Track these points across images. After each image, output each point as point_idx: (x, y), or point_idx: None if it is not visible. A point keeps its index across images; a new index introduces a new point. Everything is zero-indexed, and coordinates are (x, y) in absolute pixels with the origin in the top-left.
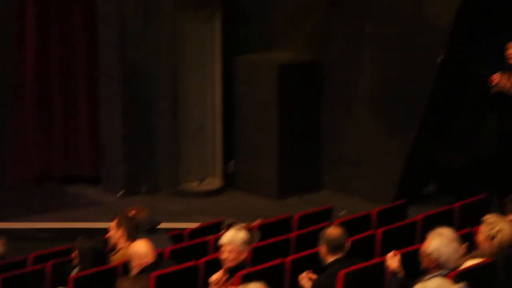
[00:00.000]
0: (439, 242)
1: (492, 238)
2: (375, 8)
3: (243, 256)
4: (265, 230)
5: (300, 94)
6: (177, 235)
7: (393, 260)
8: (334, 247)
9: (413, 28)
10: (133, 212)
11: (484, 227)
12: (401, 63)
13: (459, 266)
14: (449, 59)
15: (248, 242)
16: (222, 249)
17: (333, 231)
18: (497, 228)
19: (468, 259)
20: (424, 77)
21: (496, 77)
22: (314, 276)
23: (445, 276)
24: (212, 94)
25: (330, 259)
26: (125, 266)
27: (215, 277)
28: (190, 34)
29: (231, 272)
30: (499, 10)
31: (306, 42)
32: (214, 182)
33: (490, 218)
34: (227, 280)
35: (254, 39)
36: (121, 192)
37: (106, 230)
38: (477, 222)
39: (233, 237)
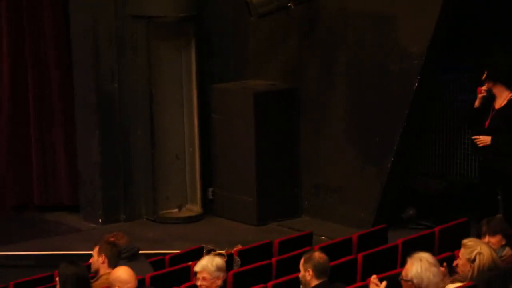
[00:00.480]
0: (419, 267)
1: (472, 261)
2: (349, 35)
3: (219, 282)
4: (246, 256)
5: (277, 121)
6: (158, 262)
7: (378, 286)
8: (320, 271)
9: (387, 55)
10: (113, 239)
11: (464, 251)
12: (376, 90)
13: None
14: (423, 86)
15: (221, 268)
16: (197, 276)
17: (321, 255)
18: (476, 251)
19: (449, 283)
20: (399, 104)
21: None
22: None
23: None
24: (189, 122)
25: (314, 283)
26: None
27: None
28: (165, 64)
29: None
30: (472, 39)
31: (281, 70)
32: (193, 209)
33: (469, 241)
34: None
35: (230, 68)
36: (101, 220)
37: (86, 257)
38: (457, 245)
39: (206, 264)
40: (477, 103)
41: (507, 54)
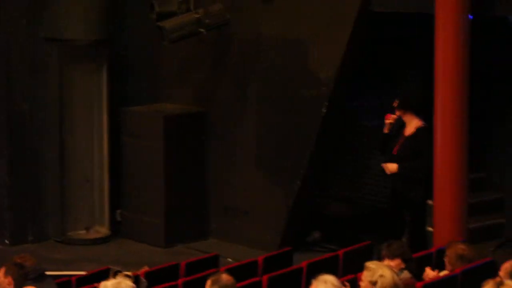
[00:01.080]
0: None
1: (374, 283)
2: (261, 61)
3: None
4: (152, 278)
5: (187, 144)
6: (64, 283)
7: None
8: None
9: (297, 81)
10: (20, 260)
11: (366, 273)
12: (286, 115)
13: None
14: (332, 112)
15: None
16: None
17: (228, 278)
18: (378, 274)
19: None
20: (308, 129)
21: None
22: None
23: None
24: (99, 145)
25: None
26: None
27: None
28: (77, 86)
29: None
30: (380, 66)
31: (192, 94)
32: (101, 231)
33: (372, 264)
34: None
35: (141, 91)
36: (8, 241)
37: None
38: (360, 268)
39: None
40: (385, 130)
41: (417, 84)
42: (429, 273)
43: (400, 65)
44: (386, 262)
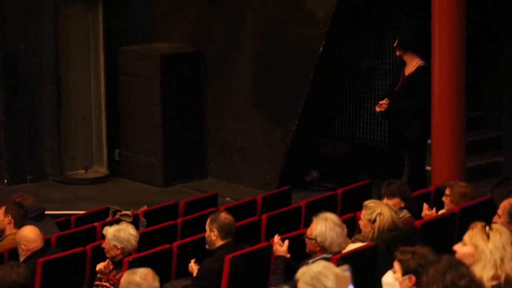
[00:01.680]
0: (324, 226)
1: (373, 221)
2: None
3: (117, 252)
4: (151, 217)
5: (183, 84)
6: (63, 222)
7: (280, 245)
8: (225, 232)
9: (293, 19)
10: (19, 199)
11: (365, 212)
12: (282, 53)
13: (342, 250)
14: (329, 51)
15: (122, 240)
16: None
17: (226, 216)
18: (376, 212)
19: (351, 243)
20: (304, 68)
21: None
22: None
23: (329, 259)
24: (96, 84)
25: (219, 243)
26: (12, 252)
27: (101, 265)
28: (72, 26)
29: (114, 262)
30: (376, 5)
31: (188, 32)
32: (99, 170)
33: (370, 203)
34: (114, 268)
35: (137, 30)
36: (6, 180)
37: None
38: (359, 207)
39: (108, 232)
40: (377, 109)
41: (417, 22)
42: (426, 211)
43: (398, 3)
44: (385, 201)
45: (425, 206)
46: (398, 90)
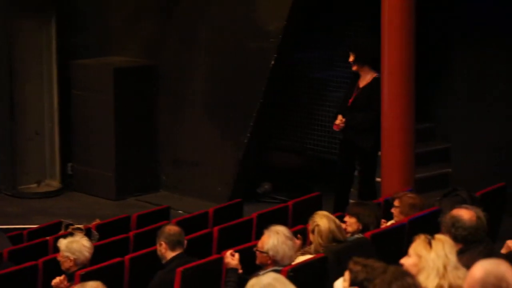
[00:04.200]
0: (276, 240)
1: (312, 232)
2: (209, 13)
3: (70, 263)
4: (104, 230)
5: (137, 97)
6: (16, 236)
7: (232, 258)
8: (173, 243)
9: (246, 33)
10: None
11: (310, 223)
12: (235, 67)
13: (292, 262)
14: (280, 64)
15: (74, 251)
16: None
17: (171, 228)
18: (315, 223)
19: (300, 255)
20: (256, 81)
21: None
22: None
23: (279, 271)
24: (49, 97)
25: (170, 255)
26: None
27: (57, 279)
28: (26, 39)
29: (68, 274)
30: (327, 19)
31: (142, 46)
32: (52, 184)
33: (314, 214)
34: (68, 281)
35: (91, 44)
36: None
37: None
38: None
39: (61, 244)
40: (336, 128)
41: (370, 35)
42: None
43: (349, 16)
44: (346, 217)
45: (382, 220)
46: (353, 103)
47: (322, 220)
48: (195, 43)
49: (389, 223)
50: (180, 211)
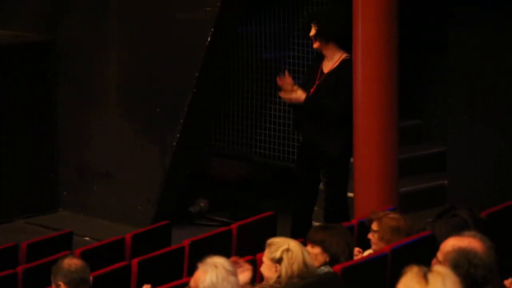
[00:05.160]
0: (214, 276)
1: (278, 261)
2: None
3: None
4: None
5: (27, 84)
6: None
7: None
8: (74, 283)
9: (171, 1)
10: None
11: (268, 251)
12: (159, 46)
13: None
14: (219, 41)
15: None
16: None
17: (72, 262)
18: (282, 248)
19: None
20: (187, 64)
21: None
22: None
23: None
24: None
25: None
26: None
27: None
28: None
29: None
30: None
31: (33, 17)
32: None
33: (275, 239)
34: None
35: None
36: None
37: None
38: (260, 247)
39: None
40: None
41: (336, 7)
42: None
43: None
44: (308, 247)
45: (356, 249)
46: (315, 92)
47: (294, 245)
48: (105, 13)
49: (366, 253)
50: (86, 238)
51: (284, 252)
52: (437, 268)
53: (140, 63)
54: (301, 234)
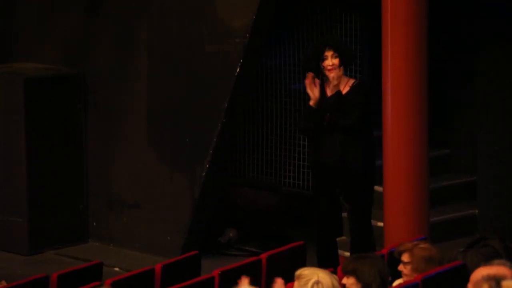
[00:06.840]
0: None
1: None
2: (151, 5)
3: None
4: None
5: (56, 117)
6: None
7: None
8: None
9: (201, 32)
10: None
11: (297, 283)
12: (188, 77)
13: None
14: (248, 73)
15: None
16: None
17: None
18: (313, 281)
19: None
20: (216, 95)
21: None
22: None
23: None
24: None
25: None
26: None
27: None
28: None
29: None
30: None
31: (61, 50)
32: None
33: (304, 270)
34: None
35: None
36: None
37: None
38: (290, 277)
39: None
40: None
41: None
42: None
43: (330, 12)
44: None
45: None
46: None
47: (324, 276)
48: (134, 45)
49: (396, 282)
50: (116, 268)
51: (315, 284)
52: None
53: (169, 95)
54: (327, 263)
